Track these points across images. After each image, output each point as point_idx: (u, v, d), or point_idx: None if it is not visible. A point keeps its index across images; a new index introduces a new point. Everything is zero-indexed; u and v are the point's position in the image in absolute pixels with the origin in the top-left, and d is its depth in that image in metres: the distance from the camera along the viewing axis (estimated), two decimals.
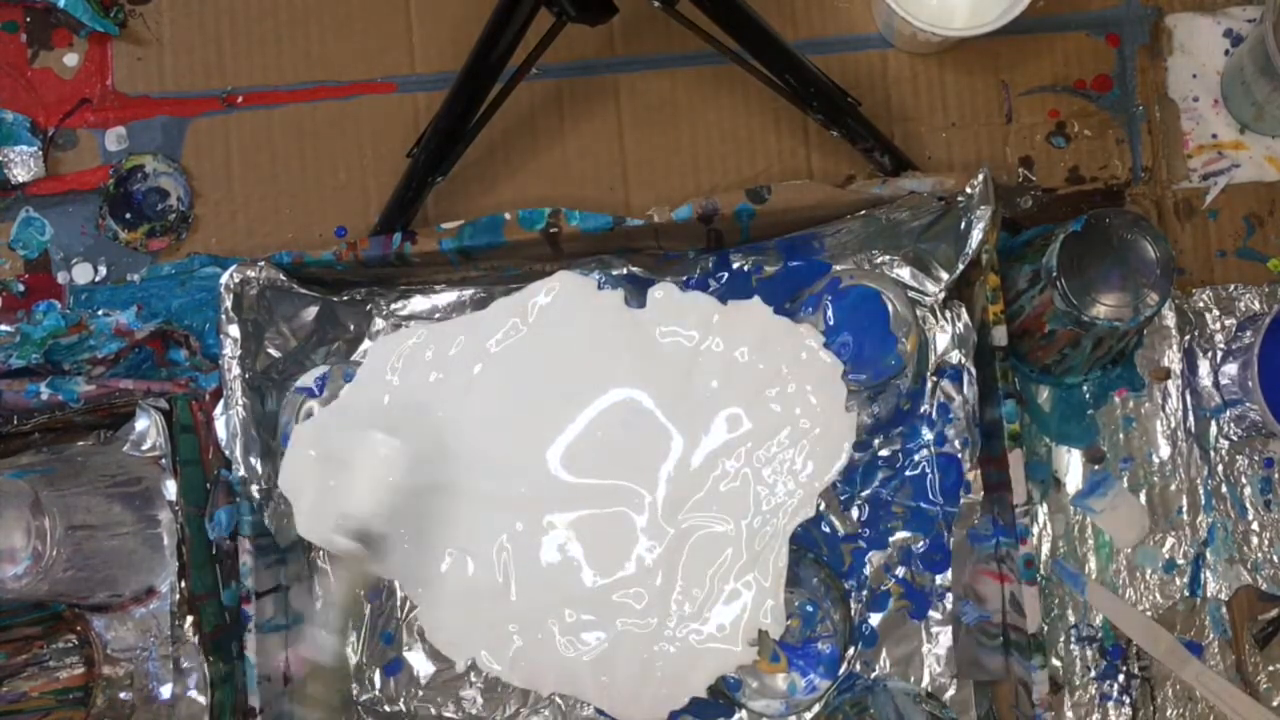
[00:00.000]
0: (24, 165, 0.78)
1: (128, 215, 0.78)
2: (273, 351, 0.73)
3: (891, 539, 0.74)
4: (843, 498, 0.74)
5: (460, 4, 0.78)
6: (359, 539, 0.67)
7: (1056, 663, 0.74)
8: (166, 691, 0.74)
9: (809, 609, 0.71)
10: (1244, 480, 0.75)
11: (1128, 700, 0.74)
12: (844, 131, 0.72)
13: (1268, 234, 0.76)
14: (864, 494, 0.74)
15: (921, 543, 0.74)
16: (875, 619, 0.74)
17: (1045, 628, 0.72)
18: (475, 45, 0.65)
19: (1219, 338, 0.75)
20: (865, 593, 0.74)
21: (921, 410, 0.74)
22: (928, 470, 0.74)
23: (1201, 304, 0.75)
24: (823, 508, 0.73)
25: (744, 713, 0.73)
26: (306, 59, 0.79)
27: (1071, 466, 0.75)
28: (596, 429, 0.71)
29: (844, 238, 0.73)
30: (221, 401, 0.72)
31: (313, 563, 0.75)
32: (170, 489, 0.73)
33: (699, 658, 0.70)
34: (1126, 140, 0.77)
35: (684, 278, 0.75)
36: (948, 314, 0.73)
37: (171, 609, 0.73)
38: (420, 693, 0.74)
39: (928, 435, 0.74)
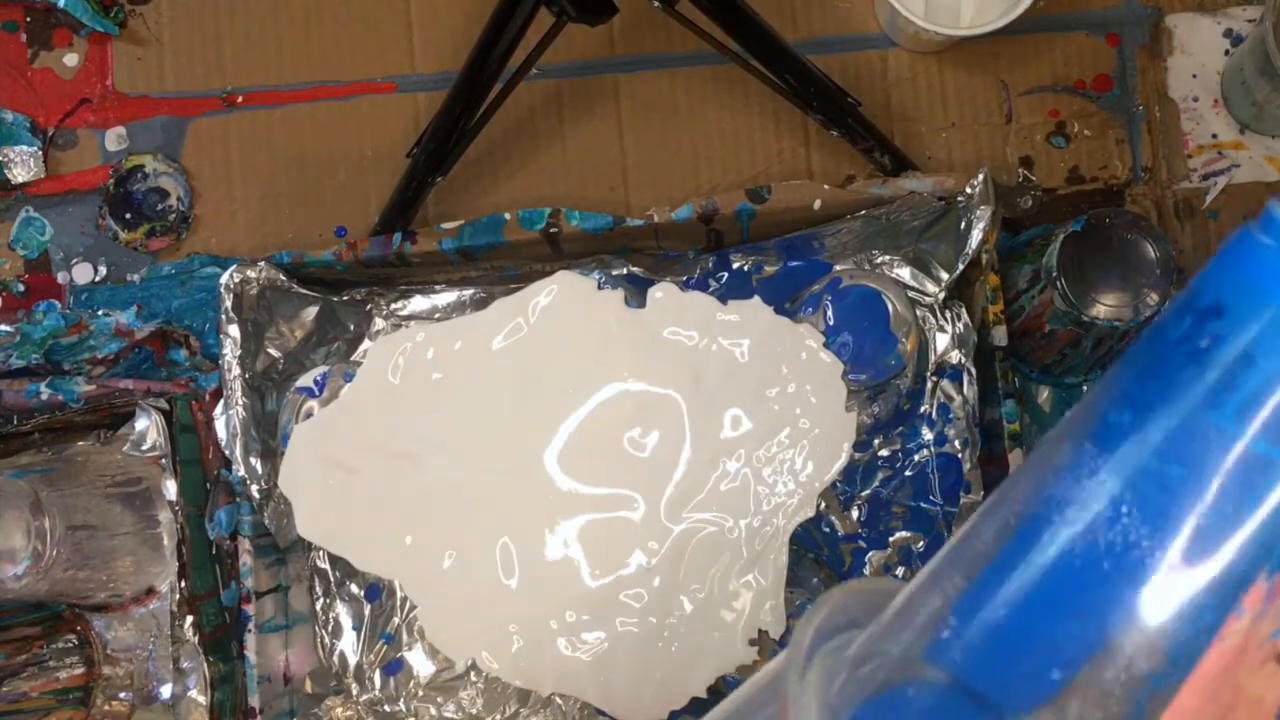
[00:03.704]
0: (24, 165, 0.78)
1: (128, 215, 0.78)
2: (273, 351, 0.73)
3: (891, 539, 0.74)
4: (843, 498, 0.74)
5: (460, 4, 0.78)
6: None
7: None
8: (166, 691, 0.74)
9: (809, 609, 0.71)
10: None
11: None
12: (844, 131, 0.72)
13: None
14: (864, 494, 0.74)
15: (921, 543, 0.74)
16: None
17: None
18: (475, 45, 0.65)
19: None
20: None
21: (921, 410, 0.74)
22: (928, 470, 0.74)
23: None
24: (823, 508, 0.73)
25: None
26: (306, 59, 0.79)
27: None
28: (596, 429, 0.71)
29: (844, 238, 0.73)
30: (221, 401, 0.72)
31: (313, 562, 0.75)
32: (170, 489, 0.73)
33: (699, 658, 0.70)
34: (1126, 140, 0.77)
35: (684, 278, 0.75)
36: (948, 314, 0.73)
37: (171, 609, 0.73)
38: (420, 693, 0.74)
39: (928, 435, 0.74)
